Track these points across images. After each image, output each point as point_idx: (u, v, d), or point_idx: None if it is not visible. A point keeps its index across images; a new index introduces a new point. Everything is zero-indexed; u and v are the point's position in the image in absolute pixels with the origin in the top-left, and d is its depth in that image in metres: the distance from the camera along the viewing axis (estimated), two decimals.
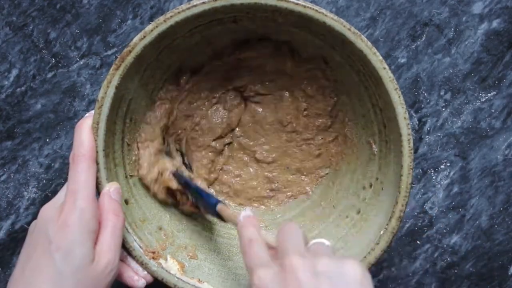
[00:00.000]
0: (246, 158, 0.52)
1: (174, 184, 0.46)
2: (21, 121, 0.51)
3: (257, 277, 0.33)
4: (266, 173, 0.51)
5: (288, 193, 0.51)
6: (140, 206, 0.45)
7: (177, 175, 0.46)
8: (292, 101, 0.50)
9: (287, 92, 0.50)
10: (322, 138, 0.50)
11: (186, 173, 0.47)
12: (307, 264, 0.32)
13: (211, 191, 0.51)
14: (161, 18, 0.40)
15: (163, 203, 0.47)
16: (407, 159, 0.41)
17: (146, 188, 0.46)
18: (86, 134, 0.40)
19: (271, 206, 0.51)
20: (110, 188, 0.40)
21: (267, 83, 0.50)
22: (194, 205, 0.47)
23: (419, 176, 0.53)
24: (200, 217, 0.49)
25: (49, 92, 0.51)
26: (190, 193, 0.46)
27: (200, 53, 0.46)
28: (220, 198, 0.49)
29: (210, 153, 0.51)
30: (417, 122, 0.53)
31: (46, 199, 0.51)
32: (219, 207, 0.41)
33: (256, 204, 0.51)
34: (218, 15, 0.41)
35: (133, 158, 0.45)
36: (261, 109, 0.51)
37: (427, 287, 0.52)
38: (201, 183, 0.48)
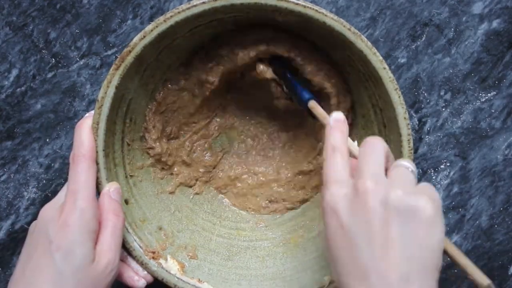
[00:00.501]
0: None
1: (269, 74, 0.45)
2: (21, 121, 0.51)
3: (329, 193, 0.33)
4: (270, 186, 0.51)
5: (288, 205, 0.51)
6: (140, 206, 0.45)
7: (274, 62, 0.45)
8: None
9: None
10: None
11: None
12: (380, 192, 0.32)
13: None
14: (161, 18, 0.40)
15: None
16: (407, 159, 0.41)
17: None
18: (86, 134, 0.40)
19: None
20: (110, 188, 0.40)
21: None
22: (289, 98, 0.46)
23: (419, 176, 0.53)
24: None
25: (49, 92, 0.51)
26: (285, 84, 0.45)
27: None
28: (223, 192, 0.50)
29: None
30: (417, 122, 0.53)
31: (46, 199, 0.51)
32: (311, 103, 0.41)
33: (252, 212, 0.51)
34: (218, 15, 0.41)
35: None
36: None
37: None
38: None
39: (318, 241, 0.48)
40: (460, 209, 0.52)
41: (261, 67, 0.45)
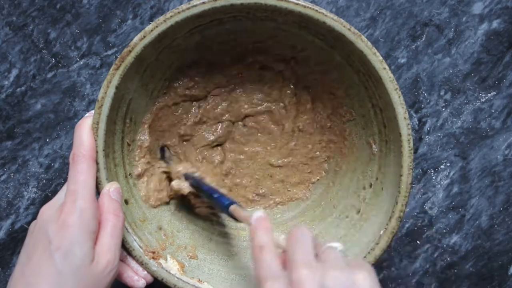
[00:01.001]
0: (242, 156, 0.52)
1: (186, 189, 0.46)
2: (21, 121, 0.51)
3: None
4: (256, 176, 0.52)
5: (277, 199, 0.51)
6: (140, 206, 0.45)
7: (189, 177, 0.46)
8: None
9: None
10: (320, 139, 0.51)
11: (196, 173, 0.47)
12: (315, 278, 0.32)
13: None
14: (161, 18, 0.40)
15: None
16: (407, 159, 0.41)
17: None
18: (86, 133, 0.40)
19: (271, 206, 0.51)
20: (110, 188, 0.40)
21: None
22: (210, 206, 0.47)
23: (419, 176, 0.53)
24: (212, 218, 0.49)
25: (49, 92, 0.51)
26: (203, 195, 0.46)
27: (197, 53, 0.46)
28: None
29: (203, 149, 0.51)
30: (417, 122, 0.53)
31: (46, 199, 0.51)
32: (231, 208, 0.41)
33: (243, 205, 0.51)
34: (218, 15, 0.41)
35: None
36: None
37: (427, 287, 0.52)
38: (210, 181, 0.47)
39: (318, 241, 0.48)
40: (460, 209, 0.52)
41: (177, 184, 0.46)
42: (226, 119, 0.50)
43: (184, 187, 0.46)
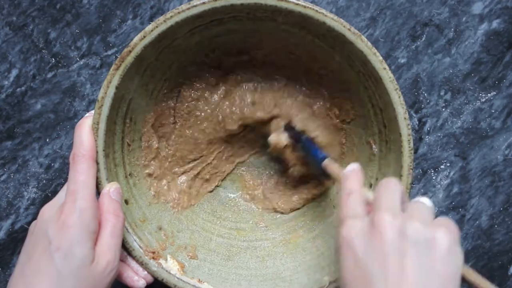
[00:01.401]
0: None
1: (284, 141, 0.46)
2: (21, 121, 0.51)
3: (345, 227, 0.33)
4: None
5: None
6: (140, 206, 0.45)
7: (288, 127, 0.46)
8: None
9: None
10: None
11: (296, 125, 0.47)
12: (396, 224, 0.32)
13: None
14: (161, 18, 0.40)
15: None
16: (407, 159, 0.41)
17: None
18: (86, 134, 0.40)
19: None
20: (110, 188, 0.40)
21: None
22: (305, 163, 0.47)
23: (419, 176, 0.53)
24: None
25: (49, 92, 0.51)
26: (301, 147, 0.46)
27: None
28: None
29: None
30: (417, 122, 0.53)
31: (46, 199, 0.51)
32: (325, 162, 0.42)
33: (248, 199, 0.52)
34: (218, 15, 0.41)
35: None
36: None
37: None
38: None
39: (318, 241, 0.48)
40: (460, 209, 0.52)
41: (275, 137, 0.47)
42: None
43: (282, 139, 0.46)
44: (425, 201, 0.35)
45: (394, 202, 0.34)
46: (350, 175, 0.37)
